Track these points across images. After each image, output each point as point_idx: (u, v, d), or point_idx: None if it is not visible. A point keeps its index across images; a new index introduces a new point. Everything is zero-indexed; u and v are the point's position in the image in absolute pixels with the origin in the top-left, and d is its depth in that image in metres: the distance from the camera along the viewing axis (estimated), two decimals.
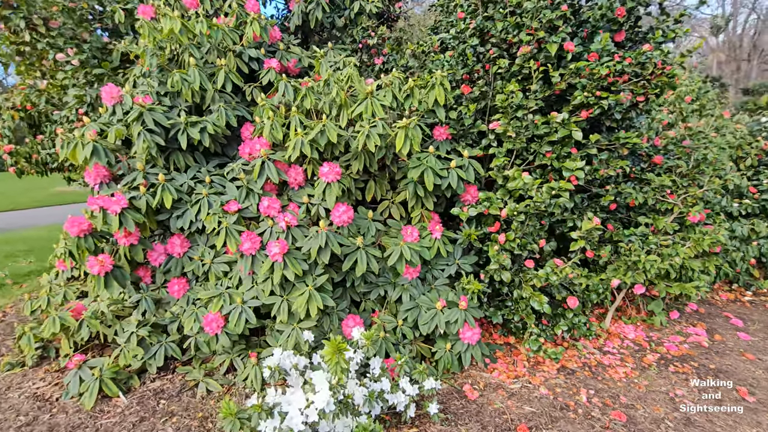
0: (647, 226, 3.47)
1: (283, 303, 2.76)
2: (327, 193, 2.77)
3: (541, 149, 3.21)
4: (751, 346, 3.57)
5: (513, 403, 2.83)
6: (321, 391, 2.02)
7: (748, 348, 3.54)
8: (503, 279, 3.23)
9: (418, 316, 2.99)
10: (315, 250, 2.61)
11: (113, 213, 2.69)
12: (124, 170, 3.08)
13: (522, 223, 3.08)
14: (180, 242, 3.06)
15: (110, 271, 2.78)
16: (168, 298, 3.18)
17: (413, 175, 2.95)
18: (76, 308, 3.10)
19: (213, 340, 2.91)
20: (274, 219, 2.87)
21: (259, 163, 2.86)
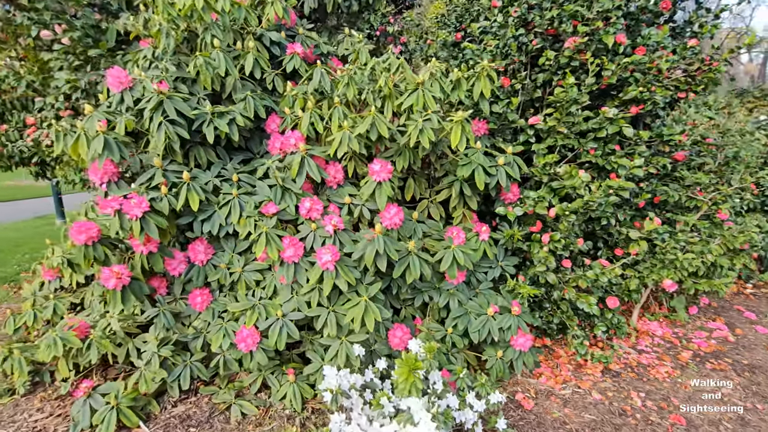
0: (686, 224, 3.45)
1: (330, 315, 2.49)
2: (377, 193, 2.51)
3: (586, 146, 3.09)
4: None
5: (570, 411, 2.72)
6: (422, 422, 1.79)
7: None
8: (548, 280, 3.11)
9: (467, 323, 2.81)
10: (371, 256, 2.36)
11: (133, 217, 2.32)
12: (134, 167, 2.68)
13: (571, 223, 2.96)
14: (204, 248, 2.71)
15: (128, 284, 2.41)
16: (187, 311, 2.82)
17: (463, 173, 2.74)
18: (80, 326, 2.69)
19: (247, 357, 2.60)
20: (316, 222, 2.58)
21: (298, 159, 2.56)
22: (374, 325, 2.35)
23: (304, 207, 2.56)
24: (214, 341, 2.63)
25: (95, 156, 2.41)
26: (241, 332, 2.53)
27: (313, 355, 2.62)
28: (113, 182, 2.59)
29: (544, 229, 3.23)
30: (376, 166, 2.48)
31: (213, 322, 2.71)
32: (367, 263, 2.38)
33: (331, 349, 2.49)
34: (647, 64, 2.82)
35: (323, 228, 2.54)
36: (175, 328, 2.73)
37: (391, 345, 2.69)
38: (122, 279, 2.37)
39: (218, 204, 2.62)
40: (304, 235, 2.56)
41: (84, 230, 2.39)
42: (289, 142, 2.70)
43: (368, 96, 2.70)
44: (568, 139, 3.02)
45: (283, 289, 2.64)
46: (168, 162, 2.64)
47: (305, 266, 2.52)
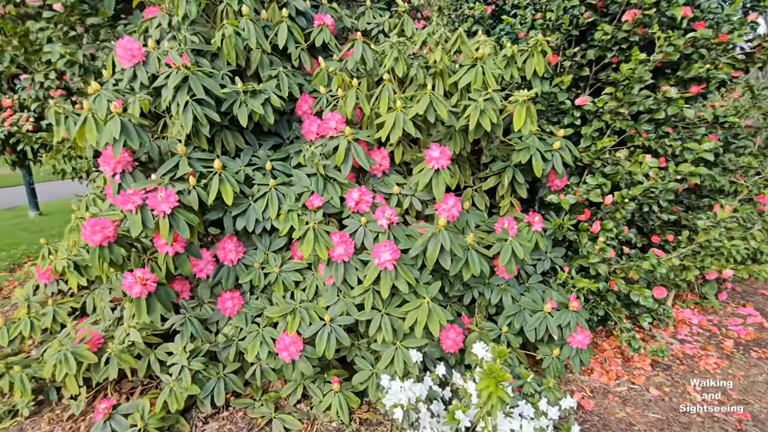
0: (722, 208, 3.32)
1: (384, 319, 2.24)
2: (434, 182, 2.25)
3: (640, 128, 2.89)
4: None
5: (632, 411, 2.58)
6: None
7: None
8: (599, 272, 2.94)
9: (522, 321, 2.61)
10: (434, 254, 2.10)
11: (160, 214, 1.98)
12: (153, 155, 2.32)
13: (629, 211, 2.77)
14: (234, 247, 2.40)
15: (154, 291, 2.08)
16: (214, 316, 2.51)
17: (520, 158, 2.50)
18: (93, 338, 2.35)
19: (288, 367, 2.33)
20: (366, 215, 2.30)
21: (344, 144, 2.26)
22: (438, 329, 2.11)
23: (352, 199, 2.28)
24: (249, 350, 2.34)
25: (110, 142, 2.04)
26: (282, 340, 2.26)
27: (362, 362, 2.37)
28: (128, 173, 2.23)
29: (592, 217, 3.05)
30: (435, 152, 2.20)
31: (246, 328, 2.41)
32: (429, 262, 2.13)
33: (385, 355, 2.25)
34: (712, 39, 2.62)
35: (375, 222, 2.26)
36: (203, 337, 2.42)
37: (444, 347, 2.46)
38: (148, 285, 2.05)
39: (252, 196, 2.30)
40: (353, 231, 2.27)
41: (99, 229, 2.04)
42: (328, 125, 2.39)
43: (418, 72, 2.40)
44: (624, 121, 2.81)
45: (327, 291, 2.36)
46: (191, 149, 2.29)
47: (355, 265, 2.25)
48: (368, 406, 2.64)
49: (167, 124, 2.39)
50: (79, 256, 2.52)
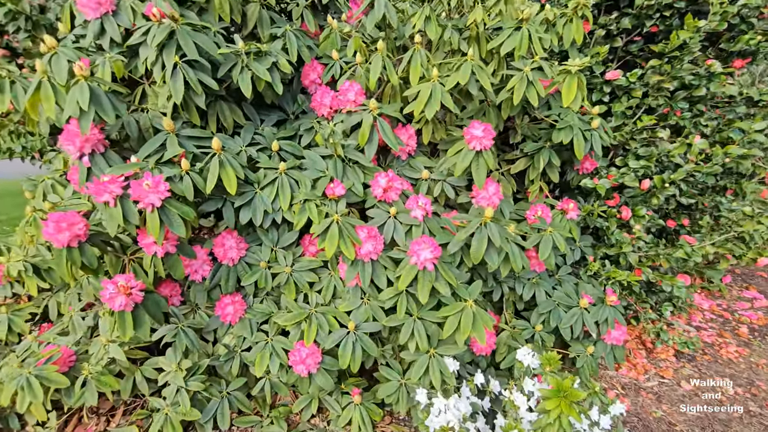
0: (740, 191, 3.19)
1: (417, 324, 1.94)
2: (474, 165, 1.92)
3: (676, 106, 2.66)
4: None
5: (669, 409, 2.44)
6: None
7: None
8: (630, 261, 2.75)
9: (558, 317, 2.38)
10: (481, 249, 1.80)
11: (148, 207, 1.57)
12: (130, 130, 1.87)
13: (666, 196, 2.57)
14: (235, 243, 2.01)
15: (140, 301, 1.68)
16: (211, 323, 2.13)
17: (561, 138, 2.21)
18: (63, 356, 1.93)
19: (304, 382, 2.01)
20: (395, 205, 1.96)
21: (369, 121, 1.89)
22: (484, 337, 1.83)
23: (379, 186, 1.93)
24: (257, 364, 1.99)
25: (75, 115, 1.58)
26: (298, 352, 1.92)
27: (389, 372, 2.07)
28: (99, 154, 1.78)
29: (620, 203, 2.84)
30: (477, 130, 1.87)
31: (252, 337, 2.05)
32: (473, 258, 1.83)
33: (417, 365, 1.96)
34: (762, 7, 2.39)
35: (406, 213, 1.93)
36: (199, 349, 2.05)
37: (474, 350, 2.21)
38: (133, 295, 1.64)
39: (259, 183, 1.90)
40: (380, 223, 1.93)
41: (67, 226, 1.60)
42: (346, 97, 2.00)
43: (452, 36, 2.04)
44: (664, 98, 2.57)
45: (348, 293, 2.03)
46: (180, 125, 1.85)
47: (384, 263, 1.92)
48: (390, 417, 2.37)
49: (146, 93, 1.93)
50: (39, 257, 2.05)
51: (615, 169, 2.73)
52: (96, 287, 2.03)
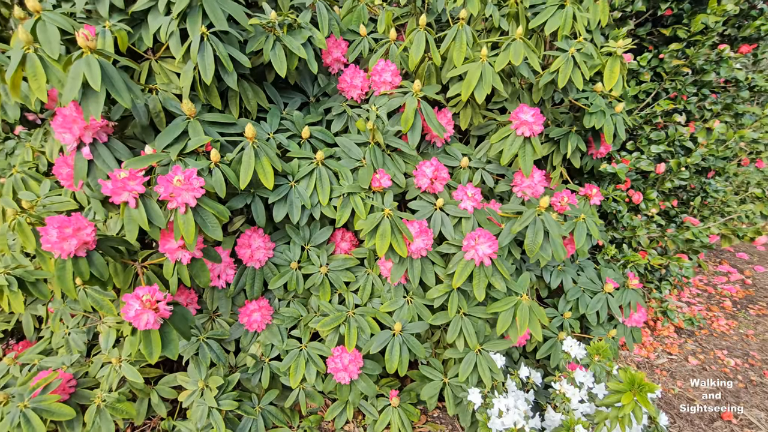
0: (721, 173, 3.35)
1: (464, 321, 1.85)
2: (522, 153, 1.83)
3: (685, 90, 2.71)
4: None
5: (684, 384, 2.54)
6: None
7: None
8: (641, 243, 2.81)
9: (586, 304, 2.38)
10: (537, 242, 1.72)
11: (181, 207, 1.32)
12: (138, 115, 1.58)
13: (682, 179, 2.63)
14: (263, 243, 1.79)
15: (169, 316, 1.45)
16: (234, 331, 1.91)
17: (593, 123, 2.16)
18: (64, 383, 1.64)
19: (344, 389, 1.86)
20: (441, 196, 1.83)
21: (412, 105, 1.72)
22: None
23: (424, 175, 1.78)
24: (292, 374, 1.81)
25: (76, 97, 1.29)
26: (340, 358, 1.77)
27: (430, 371, 1.97)
28: (101, 143, 1.49)
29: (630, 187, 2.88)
30: (526, 115, 1.76)
31: (282, 345, 1.86)
32: (530, 251, 1.74)
33: (465, 363, 1.87)
34: None
35: (455, 204, 1.80)
36: (224, 362, 1.83)
37: (505, 336, 2.16)
38: (161, 311, 1.40)
39: (293, 175, 1.69)
40: (427, 216, 1.79)
41: (72, 232, 1.32)
42: (381, 78, 1.82)
43: (493, 13, 1.90)
44: (677, 82, 2.59)
45: (389, 292, 1.89)
46: (198, 108, 1.59)
47: (433, 259, 1.79)
48: (426, 417, 2.29)
49: (153, 71, 1.63)
50: (21, 268, 1.71)
51: (626, 153, 2.75)
52: (96, 300, 1.74)
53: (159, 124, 1.60)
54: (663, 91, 2.84)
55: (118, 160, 1.49)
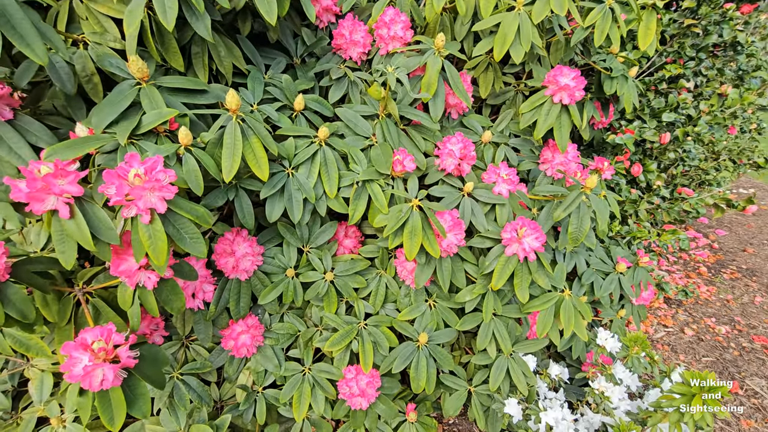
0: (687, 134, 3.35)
1: (497, 324, 1.59)
2: (557, 124, 1.55)
3: (684, 54, 2.57)
4: (740, 241, 4.12)
5: (686, 358, 2.52)
6: None
7: (741, 243, 4.08)
8: (640, 216, 2.71)
9: (599, 285, 2.23)
10: (584, 228, 1.47)
11: (145, 214, 0.90)
12: (60, 79, 1.09)
13: (684, 150, 2.52)
14: (249, 248, 1.38)
15: (137, 365, 1.03)
16: (215, 359, 1.52)
17: (615, 89, 1.93)
18: None
19: (359, 415, 1.56)
20: (468, 178, 1.51)
21: (437, 66, 1.36)
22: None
23: (451, 154, 1.45)
24: (296, 406, 1.47)
25: None
26: (355, 381, 1.45)
27: (452, 380, 1.71)
28: (2, 120, 1.00)
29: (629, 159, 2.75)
30: (566, 78, 1.48)
31: (281, 371, 1.50)
32: (574, 240, 1.50)
33: (496, 369, 1.63)
34: None
35: (485, 189, 1.49)
36: (208, 401, 1.44)
37: (528, 335, 1.96)
38: (123, 361, 0.98)
39: (289, 160, 1.28)
40: (454, 204, 1.48)
41: None
42: (391, 31, 1.43)
43: None
44: (677, 45, 2.44)
45: (408, 297, 1.57)
46: (153, 69, 1.12)
47: (463, 255, 1.49)
48: (443, 428, 2.05)
49: (75, 15, 1.12)
50: None
51: (626, 122, 2.59)
52: (19, 341, 1.26)
53: (92, 92, 1.12)
54: (659, 56, 2.69)
55: (35, 147, 1.02)
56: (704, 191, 3.11)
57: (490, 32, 1.47)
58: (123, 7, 1.08)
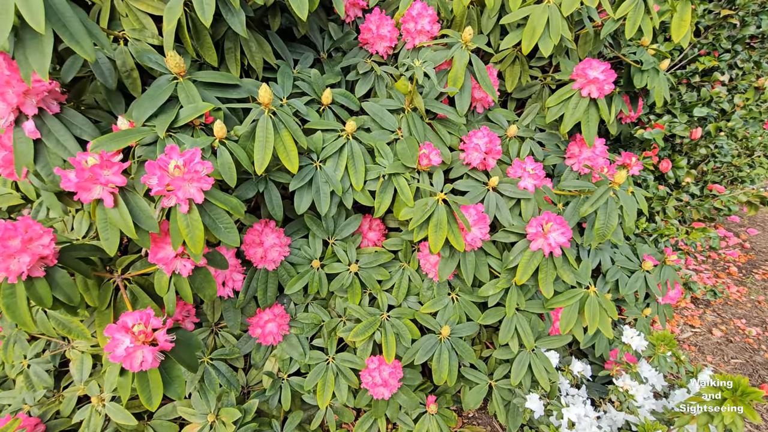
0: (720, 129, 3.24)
1: (519, 319, 1.59)
2: (585, 118, 1.53)
3: (719, 46, 2.48)
4: None
5: (714, 359, 2.46)
6: None
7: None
8: (668, 213, 2.65)
9: (624, 283, 2.19)
10: (611, 224, 1.46)
11: (183, 203, 0.94)
12: (103, 73, 1.14)
13: (716, 145, 2.44)
14: (277, 239, 1.42)
15: (173, 348, 1.08)
16: (243, 346, 1.57)
17: (645, 82, 1.89)
18: (27, 430, 1.26)
19: (381, 405, 1.58)
20: (493, 173, 1.51)
21: (463, 59, 1.36)
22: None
23: (476, 148, 1.45)
24: (320, 394, 1.51)
25: (5, 44, 0.85)
26: (378, 371, 1.48)
27: (475, 375, 1.72)
28: (50, 114, 1.05)
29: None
30: (596, 71, 1.46)
31: (304, 358, 1.54)
32: (600, 236, 1.48)
33: (517, 364, 1.63)
34: None
35: (511, 183, 1.49)
36: (236, 386, 1.49)
37: (550, 331, 1.94)
38: (161, 344, 1.03)
39: (317, 153, 1.31)
40: (479, 198, 1.48)
41: (21, 246, 0.92)
42: (418, 25, 1.44)
43: None
44: (713, 36, 2.35)
45: (431, 290, 1.59)
46: (189, 63, 1.16)
47: (488, 250, 1.49)
48: (462, 421, 2.07)
49: (117, 12, 1.17)
50: None
51: (655, 117, 2.53)
52: (62, 323, 1.33)
53: (131, 87, 1.17)
54: (692, 48, 2.61)
55: (79, 140, 1.07)
56: (736, 188, 3.01)
57: (517, 25, 1.46)
58: (161, 4, 1.12)
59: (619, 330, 1.95)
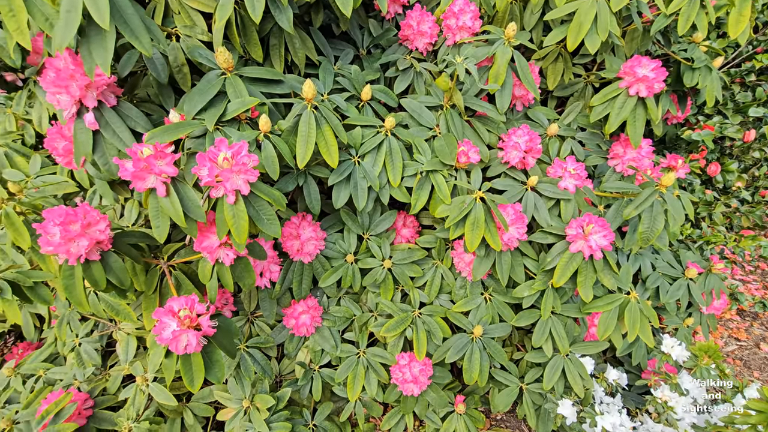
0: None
1: (554, 322, 1.55)
2: (632, 118, 1.47)
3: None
4: None
5: (761, 375, 2.33)
6: None
7: None
8: (715, 219, 2.52)
9: (665, 290, 2.10)
10: (656, 227, 1.40)
11: (231, 194, 0.97)
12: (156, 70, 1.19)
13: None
14: (314, 233, 1.44)
15: (214, 334, 1.12)
16: (276, 336, 1.61)
17: (696, 81, 1.80)
18: (79, 405, 1.34)
19: (410, 401, 1.59)
20: (531, 172, 1.48)
21: (505, 56, 1.34)
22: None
23: (516, 147, 1.42)
24: (350, 386, 1.53)
25: (71, 44, 0.90)
26: (408, 367, 1.48)
27: (506, 377, 1.69)
28: (108, 106, 1.11)
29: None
30: (645, 69, 1.40)
31: (337, 351, 1.57)
32: (644, 241, 1.43)
33: (550, 369, 1.59)
34: None
35: (550, 183, 1.46)
36: (270, 374, 1.53)
37: (585, 336, 1.88)
38: (204, 328, 1.08)
39: (356, 149, 1.33)
40: (516, 198, 1.45)
41: (80, 230, 0.98)
42: (460, 20, 1.42)
43: None
44: None
45: (464, 288, 1.57)
46: (236, 59, 1.20)
47: (524, 250, 1.47)
48: (490, 422, 2.05)
49: (170, 9, 1.22)
50: (14, 269, 1.36)
51: (704, 117, 2.41)
52: (111, 305, 1.41)
53: (182, 81, 1.22)
54: (748, 45, 2.46)
55: (133, 131, 1.12)
56: None
57: (561, 21, 1.42)
58: (212, 2, 1.16)
59: (659, 339, 1.87)
